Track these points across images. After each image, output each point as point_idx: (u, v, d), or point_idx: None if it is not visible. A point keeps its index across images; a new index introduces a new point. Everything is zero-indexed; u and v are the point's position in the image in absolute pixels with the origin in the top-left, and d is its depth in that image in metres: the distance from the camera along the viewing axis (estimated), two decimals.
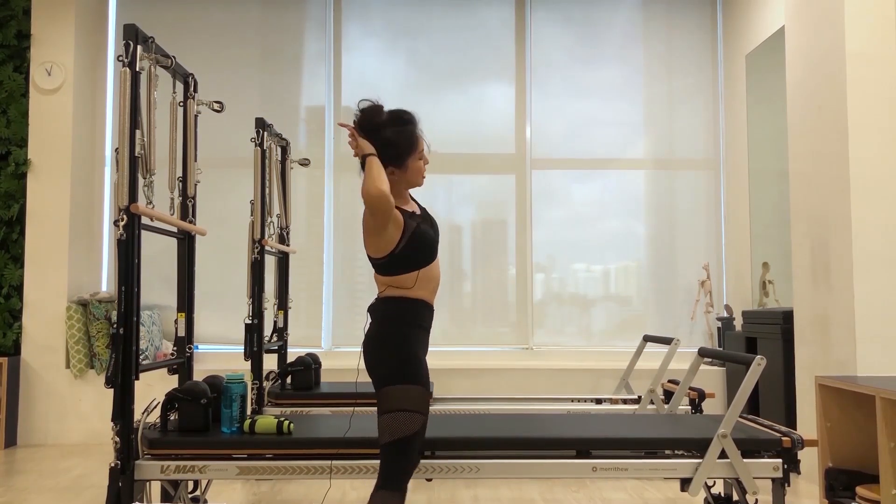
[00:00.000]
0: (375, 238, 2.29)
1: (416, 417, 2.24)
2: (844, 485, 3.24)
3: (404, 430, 2.21)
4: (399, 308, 2.32)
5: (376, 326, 2.34)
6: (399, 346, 2.28)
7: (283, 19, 5.71)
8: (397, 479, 2.21)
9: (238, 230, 5.47)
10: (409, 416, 2.22)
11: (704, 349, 3.09)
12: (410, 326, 2.31)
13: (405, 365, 2.26)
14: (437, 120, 5.66)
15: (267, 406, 3.94)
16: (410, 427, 2.22)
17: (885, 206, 3.52)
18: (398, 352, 2.28)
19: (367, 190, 2.20)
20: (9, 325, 5.12)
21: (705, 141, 5.71)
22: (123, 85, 2.58)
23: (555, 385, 5.24)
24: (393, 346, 2.28)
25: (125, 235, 2.55)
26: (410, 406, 2.23)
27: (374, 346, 2.31)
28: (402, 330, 2.30)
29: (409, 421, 2.22)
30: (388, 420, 2.22)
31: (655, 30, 5.75)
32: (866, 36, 3.57)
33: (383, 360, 2.27)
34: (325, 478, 2.61)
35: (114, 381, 2.51)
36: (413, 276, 2.32)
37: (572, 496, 3.68)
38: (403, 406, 2.23)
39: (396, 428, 2.21)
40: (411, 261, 2.31)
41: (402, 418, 2.22)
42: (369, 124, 2.33)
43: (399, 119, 2.36)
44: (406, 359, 2.27)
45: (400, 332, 2.30)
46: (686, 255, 5.64)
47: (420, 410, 2.25)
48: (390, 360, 2.27)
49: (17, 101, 5.20)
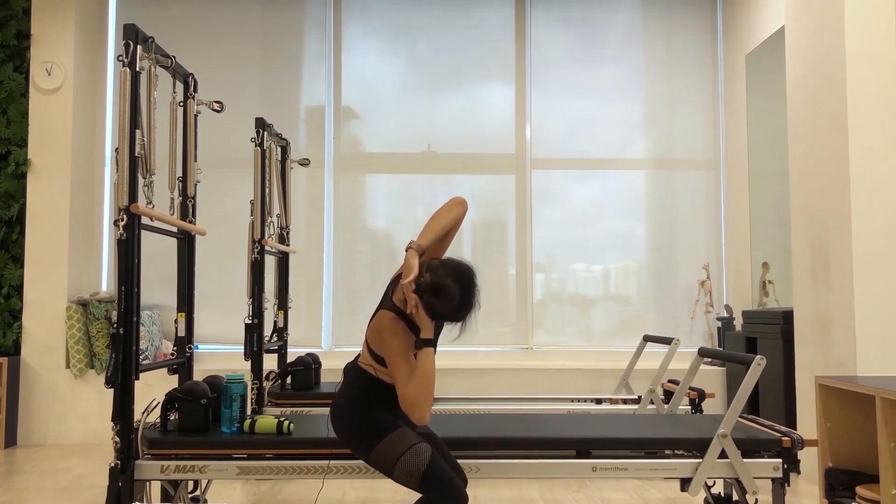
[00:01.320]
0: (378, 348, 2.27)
1: (420, 448, 2.26)
2: (844, 485, 3.24)
3: (420, 463, 2.23)
4: (373, 385, 2.33)
5: (346, 394, 2.35)
6: (368, 414, 2.30)
7: (283, 19, 5.71)
8: (449, 497, 2.22)
9: (238, 230, 5.47)
10: (412, 451, 2.24)
11: (704, 349, 3.09)
12: (379, 405, 2.32)
13: (375, 424, 2.28)
14: (437, 120, 5.66)
15: (267, 406, 3.94)
16: (423, 458, 2.24)
17: (885, 206, 3.52)
18: (368, 419, 2.29)
19: (412, 396, 2.15)
20: (9, 325, 5.12)
21: (705, 141, 5.71)
22: (123, 85, 2.58)
23: (555, 385, 5.24)
24: (362, 416, 2.30)
25: (125, 235, 2.55)
26: (406, 445, 2.25)
27: (342, 419, 2.33)
28: (370, 404, 2.32)
29: (416, 455, 2.24)
30: (401, 469, 2.24)
31: (655, 30, 5.75)
32: (866, 36, 3.57)
33: (356, 432, 2.30)
34: (325, 478, 2.61)
35: (114, 381, 2.51)
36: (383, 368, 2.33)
37: (572, 496, 3.68)
38: (401, 450, 2.25)
39: (413, 468, 2.23)
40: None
41: (410, 457, 2.24)
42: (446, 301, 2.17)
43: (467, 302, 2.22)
44: (374, 420, 2.29)
45: (368, 406, 2.32)
46: (686, 255, 5.64)
47: (416, 442, 2.27)
48: (363, 428, 2.29)
49: (17, 101, 5.20)
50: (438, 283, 2.15)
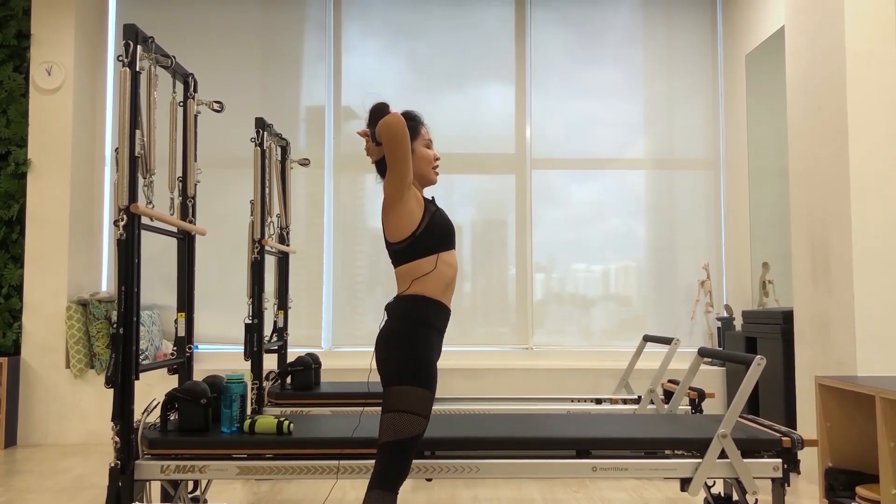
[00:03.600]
0: (399, 208, 2.27)
1: (420, 421, 2.22)
2: (844, 485, 3.24)
3: (406, 431, 2.20)
4: (416, 306, 2.30)
5: (392, 323, 2.30)
6: (412, 345, 2.25)
7: (283, 19, 5.71)
8: (393, 480, 2.20)
9: (238, 230, 5.47)
10: (412, 418, 2.21)
11: (704, 349, 3.09)
12: (426, 326, 2.29)
13: (416, 365, 2.23)
14: (437, 120, 5.65)
15: (267, 406, 3.94)
16: (412, 429, 2.21)
17: (885, 206, 3.52)
18: (411, 351, 2.25)
19: (386, 122, 2.19)
20: (9, 325, 5.12)
21: (705, 141, 5.71)
22: (123, 85, 2.58)
23: (555, 385, 5.24)
24: (407, 345, 2.25)
25: (125, 235, 2.55)
26: (415, 409, 2.21)
27: (387, 342, 2.28)
28: (417, 329, 2.27)
29: (412, 423, 2.21)
30: (391, 419, 2.21)
31: (655, 30, 5.75)
32: (866, 36, 3.57)
33: (395, 358, 2.24)
34: (326, 478, 2.61)
35: (114, 381, 2.51)
36: (433, 259, 2.30)
37: (572, 496, 3.68)
38: (409, 408, 2.21)
39: (399, 428, 2.20)
40: (431, 244, 2.30)
41: (407, 420, 2.20)
42: (378, 115, 2.30)
43: (404, 112, 2.37)
44: (418, 359, 2.24)
45: (415, 331, 2.27)
46: (686, 255, 5.64)
47: (424, 415, 2.23)
48: (402, 359, 2.24)
49: (17, 101, 5.20)
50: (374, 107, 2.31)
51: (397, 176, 2.24)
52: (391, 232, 2.32)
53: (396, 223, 2.30)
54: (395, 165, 2.23)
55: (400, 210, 2.28)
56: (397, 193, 2.26)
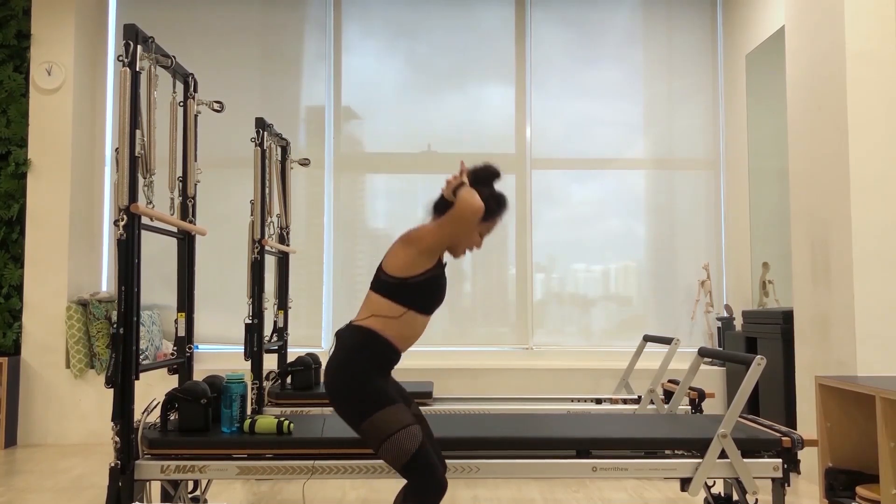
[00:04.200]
0: (415, 252, 2.28)
1: (411, 430, 2.22)
2: (844, 485, 3.24)
3: (410, 446, 2.20)
4: (367, 343, 2.29)
5: (339, 354, 2.29)
6: (364, 378, 2.25)
7: (283, 19, 5.71)
8: (435, 491, 2.20)
9: (238, 230, 5.47)
10: (405, 432, 2.21)
11: (704, 349, 3.09)
12: (375, 364, 2.28)
13: (371, 395, 2.23)
14: (437, 120, 5.66)
15: (267, 406, 3.94)
16: (414, 441, 2.21)
17: (885, 206, 3.52)
18: (361, 386, 2.24)
19: (471, 201, 2.26)
20: (9, 325, 5.12)
21: (705, 141, 5.71)
22: (123, 85, 2.58)
23: (555, 385, 5.24)
24: (359, 379, 2.24)
25: (125, 235, 2.55)
26: (398, 425, 2.21)
27: (336, 376, 2.26)
28: (366, 364, 2.27)
29: (408, 437, 2.21)
30: (389, 447, 2.21)
31: (655, 30, 5.75)
32: (866, 36, 3.57)
33: (347, 399, 2.24)
34: (326, 478, 2.61)
35: (114, 381, 2.51)
36: (403, 310, 2.30)
37: (572, 496, 3.68)
38: (392, 430, 2.21)
39: (403, 449, 2.20)
40: (414, 298, 2.30)
41: (402, 437, 2.21)
42: (483, 175, 2.41)
43: (501, 196, 2.44)
44: (369, 389, 2.23)
45: (366, 365, 2.27)
46: (686, 255, 5.64)
47: (409, 423, 2.23)
48: (355, 397, 2.23)
49: (17, 101, 5.20)
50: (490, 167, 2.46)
51: (440, 238, 2.29)
52: (391, 263, 2.32)
53: (403, 260, 2.30)
54: (447, 231, 2.28)
55: (414, 253, 2.29)
56: (427, 244, 2.28)
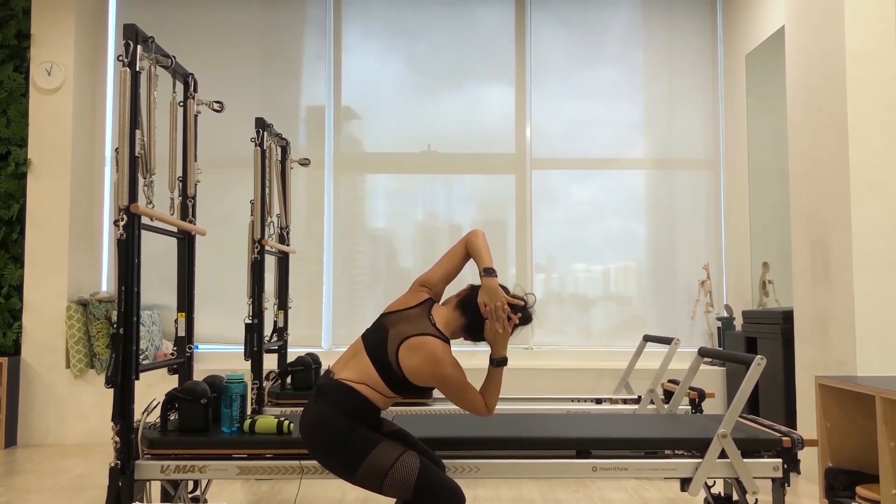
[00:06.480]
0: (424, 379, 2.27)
1: (407, 457, 2.21)
2: (844, 485, 3.24)
3: (411, 474, 2.19)
4: (357, 406, 2.25)
5: (324, 411, 2.24)
6: (348, 431, 2.21)
7: (283, 19, 5.71)
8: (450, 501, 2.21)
9: (238, 230, 5.48)
10: (400, 463, 2.19)
11: (704, 349, 3.09)
12: (358, 419, 2.25)
13: (359, 443, 2.20)
14: (437, 120, 5.66)
15: (267, 406, 3.93)
16: (413, 468, 2.20)
17: (885, 206, 3.52)
18: (348, 436, 2.20)
19: (490, 407, 2.33)
20: (9, 325, 5.12)
21: (705, 141, 5.71)
22: (123, 85, 2.58)
23: (555, 385, 5.24)
24: (344, 439, 2.21)
25: (125, 235, 2.55)
26: (392, 459, 2.19)
27: (319, 435, 2.22)
28: (350, 420, 2.23)
29: (405, 466, 2.19)
30: (391, 484, 2.19)
31: (655, 30, 5.75)
32: (866, 36, 3.57)
33: (338, 456, 2.21)
34: (326, 478, 2.60)
35: (114, 381, 2.51)
36: (391, 392, 2.29)
37: (572, 496, 3.68)
38: (388, 465, 2.19)
39: (405, 480, 2.18)
40: (412, 391, 2.33)
41: (400, 470, 2.19)
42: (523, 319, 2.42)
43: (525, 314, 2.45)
44: (355, 437, 2.21)
45: (350, 421, 2.23)
46: (686, 255, 5.64)
47: (401, 452, 2.22)
48: (346, 451, 2.20)
49: (17, 101, 5.20)
50: (526, 313, 2.43)
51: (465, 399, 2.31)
52: (407, 364, 2.26)
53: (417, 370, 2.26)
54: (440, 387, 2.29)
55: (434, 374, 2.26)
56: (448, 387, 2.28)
